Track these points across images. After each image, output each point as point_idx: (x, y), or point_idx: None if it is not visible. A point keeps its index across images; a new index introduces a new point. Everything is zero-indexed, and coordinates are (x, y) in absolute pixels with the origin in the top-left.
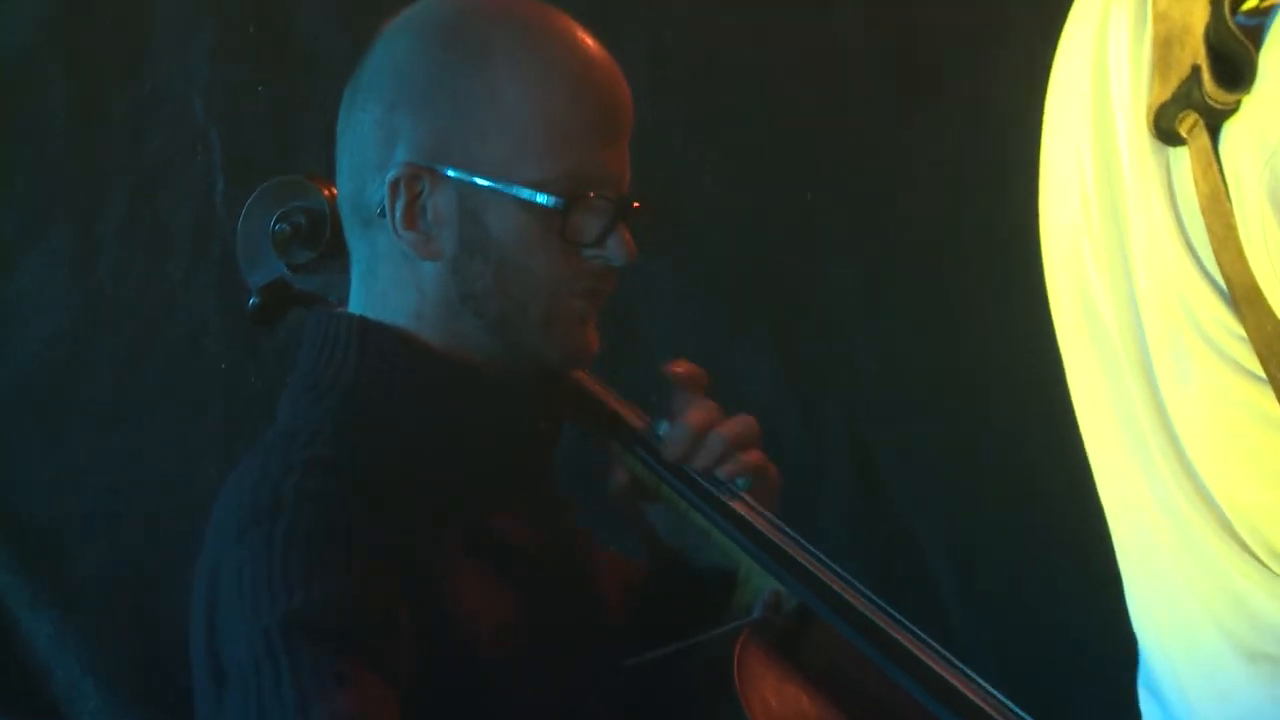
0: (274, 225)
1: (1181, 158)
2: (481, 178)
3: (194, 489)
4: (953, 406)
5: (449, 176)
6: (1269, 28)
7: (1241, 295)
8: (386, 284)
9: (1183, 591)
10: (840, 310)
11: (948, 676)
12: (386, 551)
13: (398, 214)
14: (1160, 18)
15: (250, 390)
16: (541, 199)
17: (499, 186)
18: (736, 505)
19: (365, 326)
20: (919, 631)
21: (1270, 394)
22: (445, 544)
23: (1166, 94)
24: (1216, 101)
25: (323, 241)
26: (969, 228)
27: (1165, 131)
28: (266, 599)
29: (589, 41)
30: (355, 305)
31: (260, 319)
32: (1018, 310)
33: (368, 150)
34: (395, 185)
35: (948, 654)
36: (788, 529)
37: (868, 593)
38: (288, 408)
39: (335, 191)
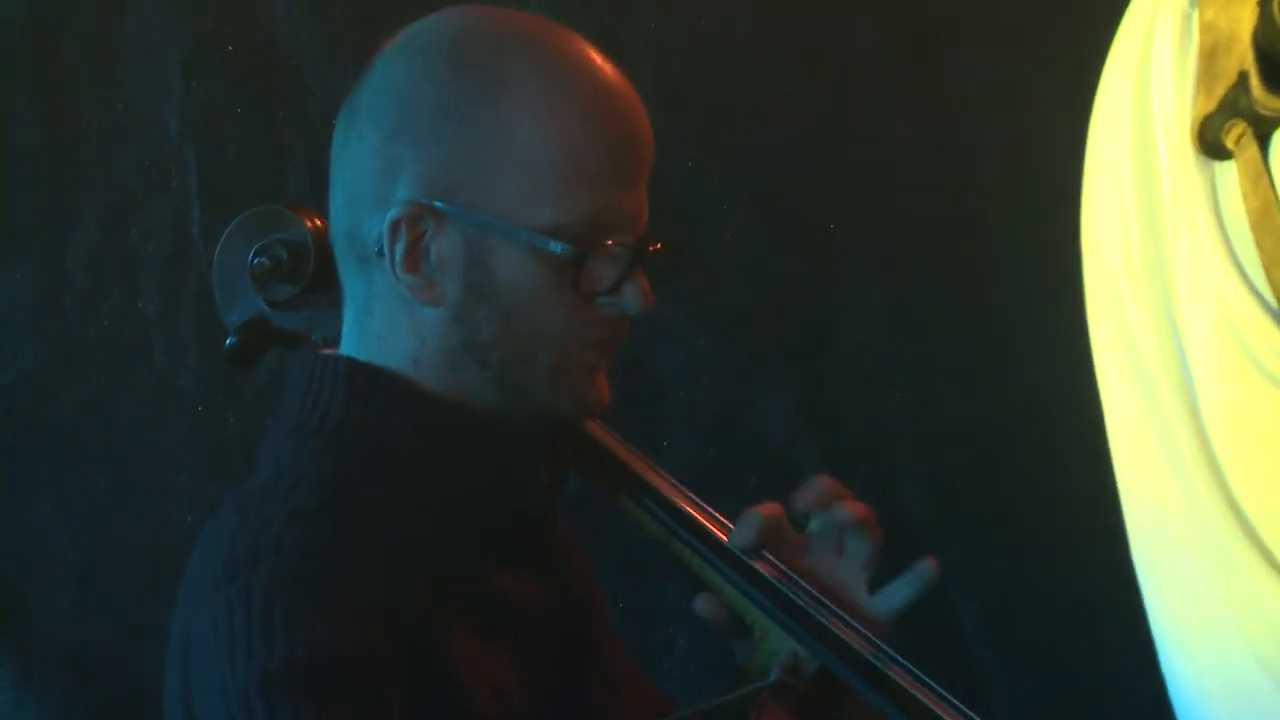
0: (252, 259)
1: (1228, 173)
2: (491, 220)
3: (168, 539)
4: (988, 446)
5: (454, 218)
6: None
7: None
8: (383, 326)
9: (1227, 628)
10: (865, 343)
11: None
12: (374, 608)
13: (398, 256)
14: (1206, 28)
15: (229, 433)
16: (555, 247)
17: (510, 231)
18: (756, 562)
19: (354, 369)
20: (950, 697)
21: None
22: (440, 605)
23: (1212, 105)
24: (1266, 108)
25: (305, 277)
26: (1006, 254)
27: (1211, 145)
28: (243, 655)
29: (607, 68)
30: (348, 346)
31: (238, 359)
32: (1060, 342)
33: (365, 182)
34: (396, 225)
35: None
36: (807, 584)
37: (894, 653)
38: (270, 454)
39: (318, 223)
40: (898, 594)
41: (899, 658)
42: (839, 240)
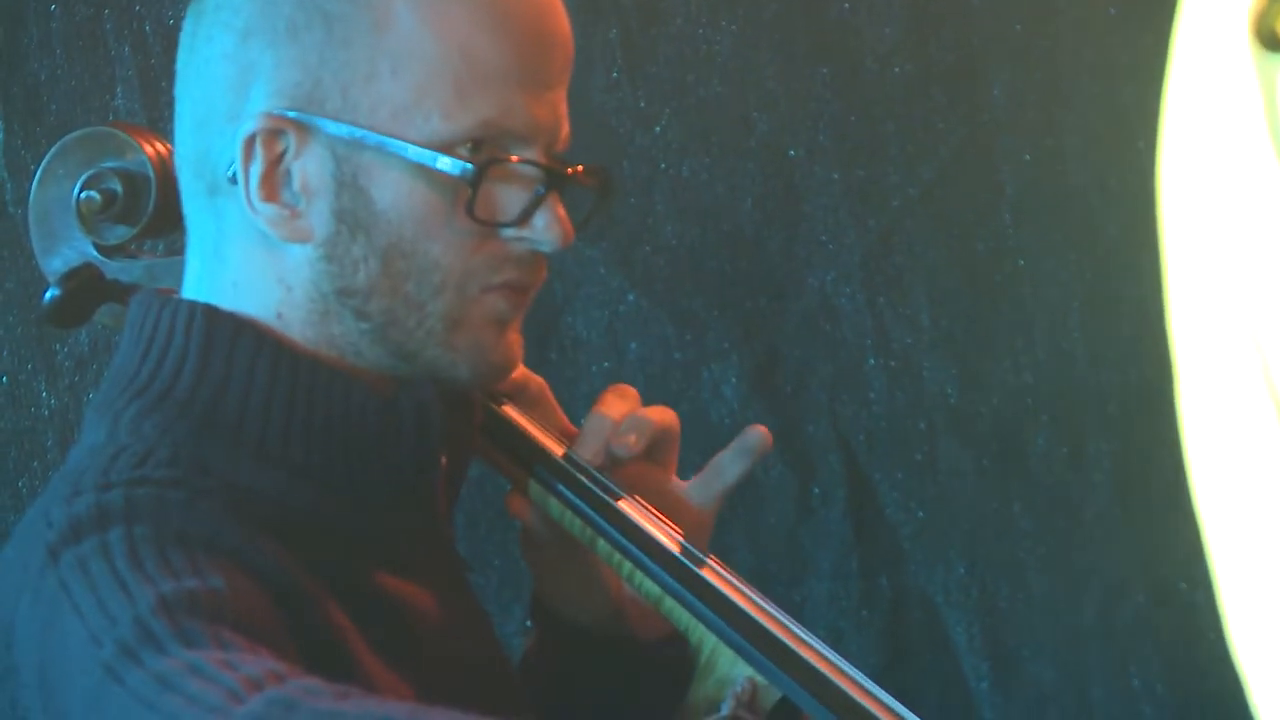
0: (79, 193)
1: None
2: (364, 133)
3: None
4: (988, 432)
5: (321, 131)
6: None
7: None
8: (238, 273)
9: None
10: (833, 300)
11: None
12: (258, 575)
13: (253, 182)
14: None
15: (42, 413)
16: (443, 163)
17: (388, 145)
18: (700, 567)
19: (215, 319)
20: None
21: None
22: (323, 609)
23: None
24: None
25: (145, 214)
26: (1009, 194)
27: (1268, 35)
28: (120, 602)
29: None
30: (195, 297)
31: (59, 318)
32: (1075, 302)
33: (215, 94)
34: (250, 143)
35: None
36: (764, 598)
37: (871, 684)
38: (103, 424)
39: (160, 148)
40: (720, 476)
41: (882, 692)
42: (802, 169)
